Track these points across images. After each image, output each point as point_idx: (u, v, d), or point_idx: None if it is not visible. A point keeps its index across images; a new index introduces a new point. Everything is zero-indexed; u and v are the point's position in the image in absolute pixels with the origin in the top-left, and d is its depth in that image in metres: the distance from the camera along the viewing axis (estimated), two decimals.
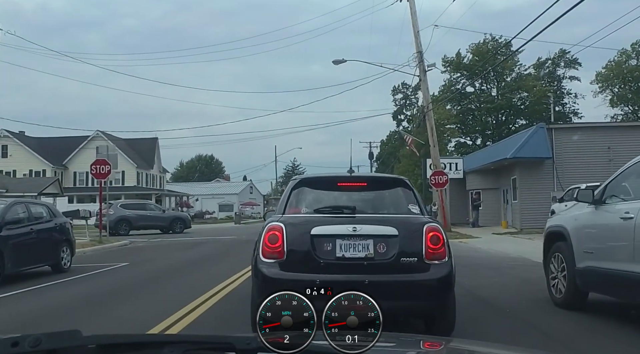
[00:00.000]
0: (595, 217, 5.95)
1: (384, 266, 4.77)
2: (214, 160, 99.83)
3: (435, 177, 23.69)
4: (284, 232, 4.87)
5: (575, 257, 6.15)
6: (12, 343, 1.26)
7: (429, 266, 4.79)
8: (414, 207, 5.39)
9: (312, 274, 4.65)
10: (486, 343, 2.32)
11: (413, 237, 4.86)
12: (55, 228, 11.61)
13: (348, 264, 4.78)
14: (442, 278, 4.81)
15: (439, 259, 4.83)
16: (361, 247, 4.80)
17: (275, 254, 4.84)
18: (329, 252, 4.81)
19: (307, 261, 4.80)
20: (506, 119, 54.76)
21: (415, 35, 25.30)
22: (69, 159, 53.93)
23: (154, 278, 10.76)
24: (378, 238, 4.83)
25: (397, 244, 4.80)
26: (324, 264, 4.75)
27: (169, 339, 1.55)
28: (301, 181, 5.87)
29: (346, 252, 4.80)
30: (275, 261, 4.84)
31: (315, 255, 4.80)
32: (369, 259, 4.78)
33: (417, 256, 4.79)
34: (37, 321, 6.73)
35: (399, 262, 4.76)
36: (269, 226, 4.99)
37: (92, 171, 20.05)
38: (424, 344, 1.90)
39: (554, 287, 6.75)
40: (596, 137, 24.60)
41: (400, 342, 1.82)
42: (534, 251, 14.53)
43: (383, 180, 6.47)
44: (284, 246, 4.83)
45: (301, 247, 4.87)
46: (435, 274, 4.78)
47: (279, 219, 5.11)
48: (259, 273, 4.88)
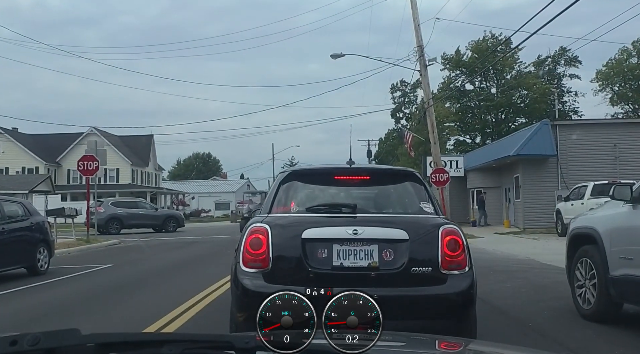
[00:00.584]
0: (634, 217, 5.16)
1: (392, 277, 4.02)
2: (211, 158, 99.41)
3: (436, 175, 22.96)
4: (269, 235, 4.09)
5: (608, 264, 5.37)
6: (11, 342, 1.25)
7: (446, 277, 4.04)
8: (426, 205, 4.57)
9: (303, 287, 3.86)
10: (507, 345, 2.16)
11: (427, 242, 4.12)
12: (31, 227, 10.81)
13: (347, 274, 4.02)
14: (462, 291, 4.03)
15: (458, 269, 4.06)
16: (363, 255, 4.05)
17: (259, 262, 4.07)
18: (324, 260, 4.05)
19: (297, 271, 4.05)
20: (506, 117, 54.23)
21: (416, 28, 24.55)
22: (62, 156, 53.20)
23: (136, 281, 10.00)
24: (384, 243, 4.08)
25: (407, 250, 4.04)
26: (317, 274, 3.99)
27: (168, 338, 1.50)
28: (291, 173, 5.03)
29: (345, 261, 4.05)
30: (259, 270, 4.06)
31: (307, 263, 4.04)
32: (373, 269, 4.02)
33: (431, 265, 4.04)
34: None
35: (409, 272, 4.01)
36: (251, 229, 4.20)
37: (79, 167, 19.25)
38: (440, 345, 1.81)
39: (581, 297, 5.97)
40: (602, 135, 24.01)
41: (411, 342, 1.76)
42: (541, 253, 13.94)
43: (389, 173, 5.44)
44: (269, 253, 4.06)
45: (290, 254, 4.12)
46: (453, 287, 4.02)
47: (264, 219, 4.30)
48: (239, 285, 4.08)
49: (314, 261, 4.06)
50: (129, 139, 55.18)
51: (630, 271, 5.09)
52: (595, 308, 5.69)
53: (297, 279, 4.01)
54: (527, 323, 5.87)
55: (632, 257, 5.07)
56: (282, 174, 5.06)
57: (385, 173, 5.46)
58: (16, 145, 51.26)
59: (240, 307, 4.10)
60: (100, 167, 19.59)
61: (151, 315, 6.48)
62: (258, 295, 3.68)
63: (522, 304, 7.00)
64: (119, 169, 52.61)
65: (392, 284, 4.01)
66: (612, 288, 5.37)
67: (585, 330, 5.51)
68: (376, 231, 4.12)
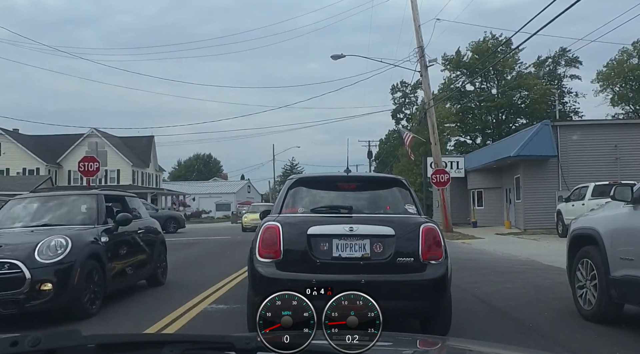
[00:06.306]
0: (635, 218, 5.15)
1: (381, 265, 4.78)
2: (212, 159, 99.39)
3: (437, 175, 22.96)
4: (280, 232, 4.87)
5: (609, 265, 5.36)
6: (12, 343, 1.25)
7: (425, 266, 4.79)
8: (410, 207, 5.38)
9: (309, 274, 4.68)
10: (482, 341, 2.24)
11: (410, 238, 4.87)
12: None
13: (344, 263, 4.79)
14: (438, 278, 4.80)
15: (435, 259, 4.82)
16: (358, 247, 4.81)
17: (272, 253, 4.85)
18: (326, 252, 4.81)
19: (304, 261, 4.81)
20: (506, 118, 54.15)
21: (416, 29, 24.56)
22: (63, 157, 53.14)
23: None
24: (375, 238, 4.83)
25: (394, 244, 4.81)
26: (320, 263, 4.75)
27: (169, 339, 1.52)
28: (298, 180, 5.80)
29: (342, 252, 4.81)
30: (272, 260, 4.85)
31: (312, 255, 4.80)
32: (366, 259, 4.78)
33: (413, 256, 4.80)
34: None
35: (395, 262, 4.77)
36: (265, 226, 5.00)
37: (79, 168, 19.17)
38: (420, 344, 1.89)
39: (582, 297, 5.96)
40: (602, 135, 23.99)
41: (397, 341, 1.80)
42: (542, 253, 13.92)
43: (380, 180, 6.36)
44: (281, 246, 4.84)
45: (298, 247, 4.86)
46: (431, 274, 4.78)
47: (275, 218, 5.10)
48: (256, 273, 4.87)
49: (318, 252, 4.81)
50: (129, 140, 55.13)
51: (631, 271, 5.08)
52: (596, 308, 5.68)
53: (303, 267, 4.77)
54: (527, 324, 5.86)
55: (632, 258, 5.06)
56: (290, 180, 5.80)
57: (376, 180, 6.38)
58: (17, 146, 51.23)
59: (256, 290, 4.89)
60: (101, 168, 19.52)
61: (152, 315, 6.47)
62: (271, 280, 4.71)
63: (523, 305, 6.98)
64: (120, 170, 52.57)
65: (381, 271, 4.77)
66: (613, 289, 5.36)
67: (586, 331, 5.50)
68: (368, 228, 4.86)
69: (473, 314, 6.41)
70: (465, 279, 9.15)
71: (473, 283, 8.94)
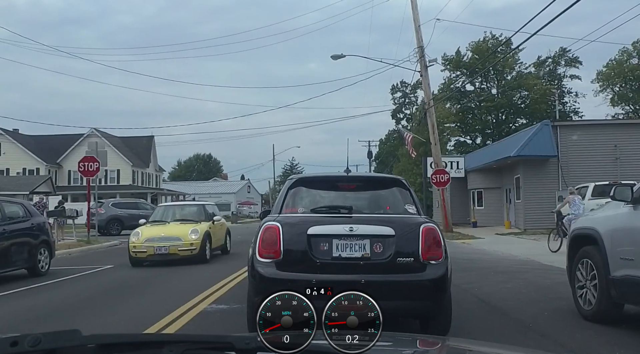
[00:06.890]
0: (635, 218, 5.15)
1: (381, 265, 4.75)
2: (212, 159, 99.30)
3: (437, 176, 22.97)
4: (280, 232, 4.86)
5: (609, 265, 5.35)
6: (12, 343, 1.25)
7: (425, 266, 4.77)
8: (410, 207, 5.37)
9: (309, 274, 4.65)
10: (482, 341, 2.23)
11: (410, 238, 4.85)
12: (32, 228, 10.80)
13: (344, 263, 4.77)
14: (438, 278, 4.78)
15: (435, 259, 4.80)
16: (358, 247, 4.79)
17: (272, 253, 4.84)
18: (326, 252, 4.80)
19: (304, 261, 4.79)
20: (506, 118, 54.08)
21: (416, 29, 24.55)
22: (63, 157, 53.11)
23: (137, 282, 9.97)
24: (375, 238, 4.82)
25: (394, 244, 4.79)
26: (320, 263, 4.73)
27: (169, 339, 1.51)
28: (298, 180, 5.78)
29: (342, 252, 4.79)
30: (272, 260, 4.83)
31: (312, 255, 4.78)
32: (366, 259, 4.76)
33: (413, 256, 4.78)
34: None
35: (395, 262, 4.75)
36: (265, 226, 4.99)
37: (79, 168, 19.22)
38: (420, 344, 1.89)
39: (582, 297, 5.96)
40: (602, 135, 23.98)
41: (397, 341, 1.80)
42: (542, 253, 13.91)
43: (380, 180, 6.35)
44: (281, 246, 4.82)
45: (298, 247, 4.84)
46: (431, 274, 4.77)
47: (276, 218, 5.09)
48: (256, 273, 4.85)
49: (318, 252, 4.80)
50: (129, 140, 55.08)
51: (631, 271, 5.08)
52: (596, 308, 5.67)
53: (303, 267, 4.74)
54: (527, 324, 5.86)
55: (632, 258, 5.06)
56: (290, 181, 5.76)
57: (376, 180, 6.37)
58: (17, 146, 51.21)
59: (257, 290, 4.87)
60: (101, 168, 19.53)
61: (152, 315, 6.48)
62: (271, 280, 4.68)
63: (523, 304, 6.98)
64: (120, 170, 52.52)
65: (381, 271, 4.75)
66: (613, 289, 5.36)
67: (586, 331, 5.50)
68: (368, 229, 4.85)
69: (473, 314, 6.41)
70: (465, 279, 9.15)
71: (473, 283, 8.94)
